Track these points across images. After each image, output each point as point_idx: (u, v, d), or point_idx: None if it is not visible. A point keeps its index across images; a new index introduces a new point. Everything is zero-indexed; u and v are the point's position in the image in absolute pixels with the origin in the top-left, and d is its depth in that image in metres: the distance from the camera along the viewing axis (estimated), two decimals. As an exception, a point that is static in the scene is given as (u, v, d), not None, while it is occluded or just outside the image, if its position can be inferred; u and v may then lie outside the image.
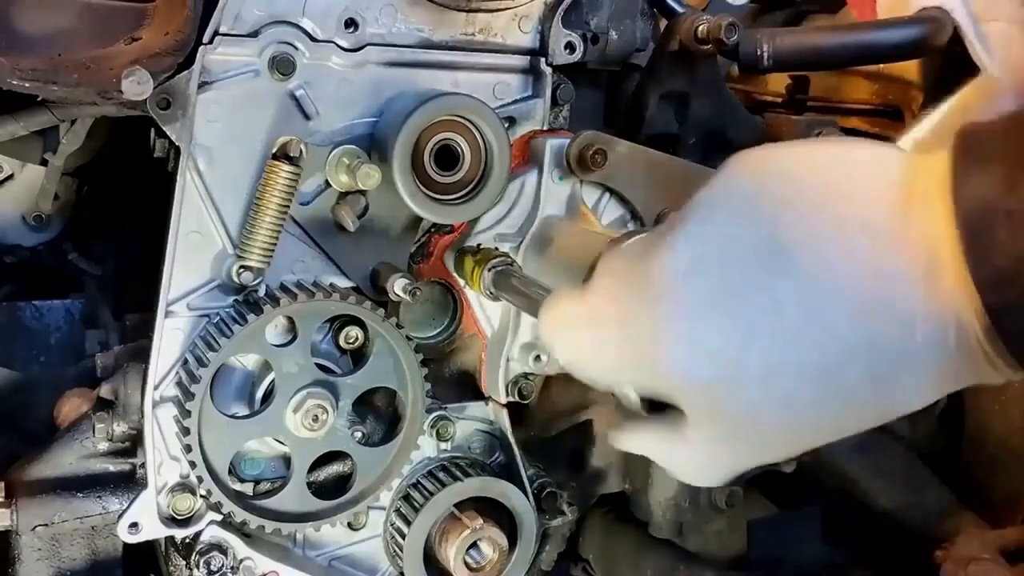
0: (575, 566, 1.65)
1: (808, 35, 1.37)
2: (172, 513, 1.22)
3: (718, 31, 1.28)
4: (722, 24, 1.28)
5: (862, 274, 0.73)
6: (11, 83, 1.11)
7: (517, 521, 1.37)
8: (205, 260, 1.19)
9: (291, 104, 1.19)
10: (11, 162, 1.75)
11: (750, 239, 0.77)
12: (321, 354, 1.25)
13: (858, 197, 0.75)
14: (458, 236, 1.31)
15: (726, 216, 0.79)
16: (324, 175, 1.20)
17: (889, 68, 1.65)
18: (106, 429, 1.24)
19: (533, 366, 1.33)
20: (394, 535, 1.34)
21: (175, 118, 1.14)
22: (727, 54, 1.32)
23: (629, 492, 1.56)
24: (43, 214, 1.80)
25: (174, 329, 1.19)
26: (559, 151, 1.28)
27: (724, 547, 1.62)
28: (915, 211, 0.73)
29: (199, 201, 1.17)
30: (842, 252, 0.74)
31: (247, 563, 1.27)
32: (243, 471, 1.26)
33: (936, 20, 1.29)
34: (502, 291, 1.21)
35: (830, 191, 0.76)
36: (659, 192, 1.33)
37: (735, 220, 0.78)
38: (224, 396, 1.22)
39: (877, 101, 1.72)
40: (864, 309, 0.73)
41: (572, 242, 1.26)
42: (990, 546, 1.52)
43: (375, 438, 1.29)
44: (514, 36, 1.29)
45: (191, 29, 1.12)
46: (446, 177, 1.22)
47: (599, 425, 1.52)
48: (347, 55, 1.20)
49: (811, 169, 0.77)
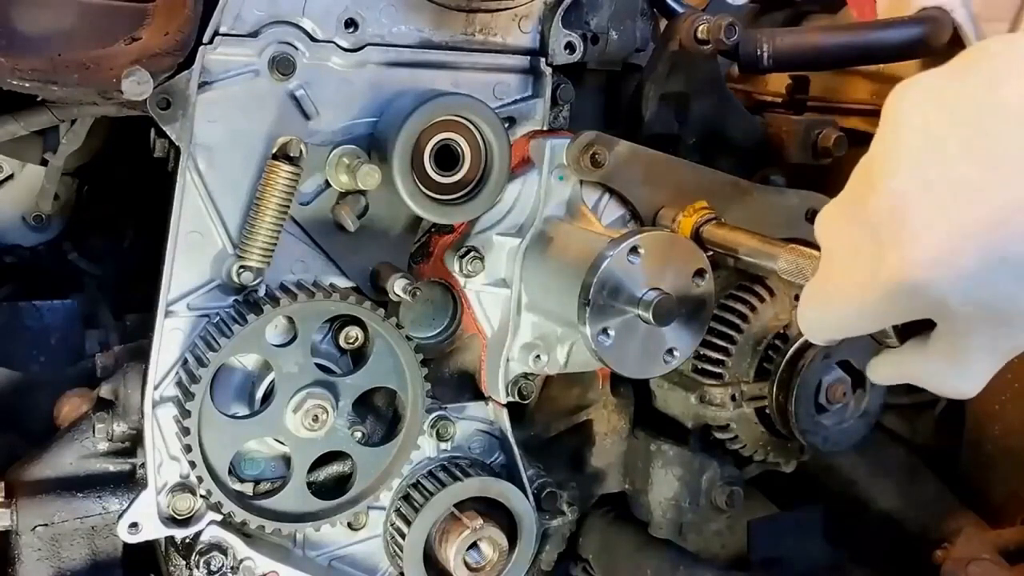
0: (575, 566, 1.65)
1: (808, 35, 1.38)
2: (172, 513, 1.22)
3: (718, 31, 1.28)
4: (722, 24, 1.28)
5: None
6: (11, 83, 1.11)
7: (517, 521, 1.37)
8: (205, 260, 1.19)
9: (291, 104, 1.19)
10: (11, 162, 1.75)
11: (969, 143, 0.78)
12: (321, 354, 1.25)
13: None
14: (458, 236, 1.31)
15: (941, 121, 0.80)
16: (324, 175, 1.20)
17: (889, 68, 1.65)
18: (106, 429, 1.24)
19: (533, 366, 1.33)
20: (394, 535, 1.34)
21: (175, 118, 1.14)
22: (727, 54, 1.33)
23: (629, 492, 1.57)
24: (43, 214, 1.80)
25: (174, 329, 1.19)
26: (559, 151, 1.28)
27: (724, 547, 1.62)
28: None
29: (199, 201, 1.17)
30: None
31: (247, 563, 1.27)
32: (243, 471, 1.26)
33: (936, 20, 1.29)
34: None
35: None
36: (659, 192, 1.33)
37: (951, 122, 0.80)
38: (224, 396, 1.22)
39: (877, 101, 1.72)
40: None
41: (572, 242, 1.26)
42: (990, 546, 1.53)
43: (375, 438, 1.29)
44: (514, 36, 1.29)
45: (191, 29, 1.12)
46: (446, 177, 1.22)
47: (599, 425, 1.52)
48: (347, 55, 1.20)
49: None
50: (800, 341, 1.39)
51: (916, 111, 0.83)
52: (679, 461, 1.50)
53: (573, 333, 1.27)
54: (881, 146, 0.85)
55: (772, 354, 1.40)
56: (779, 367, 1.39)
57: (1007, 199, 0.77)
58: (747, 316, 1.39)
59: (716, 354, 1.39)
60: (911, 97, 0.85)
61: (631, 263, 1.16)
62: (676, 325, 1.18)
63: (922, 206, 0.80)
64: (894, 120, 0.85)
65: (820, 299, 0.94)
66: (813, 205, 1.44)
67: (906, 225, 0.81)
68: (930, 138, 0.82)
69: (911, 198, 0.81)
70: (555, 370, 1.35)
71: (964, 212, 0.78)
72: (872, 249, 0.84)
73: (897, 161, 0.83)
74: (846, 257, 0.88)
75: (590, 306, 1.15)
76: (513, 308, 1.31)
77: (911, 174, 0.82)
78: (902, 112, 0.85)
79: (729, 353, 1.39)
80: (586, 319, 1.15)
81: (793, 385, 1.38)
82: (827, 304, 0.92)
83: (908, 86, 0.85)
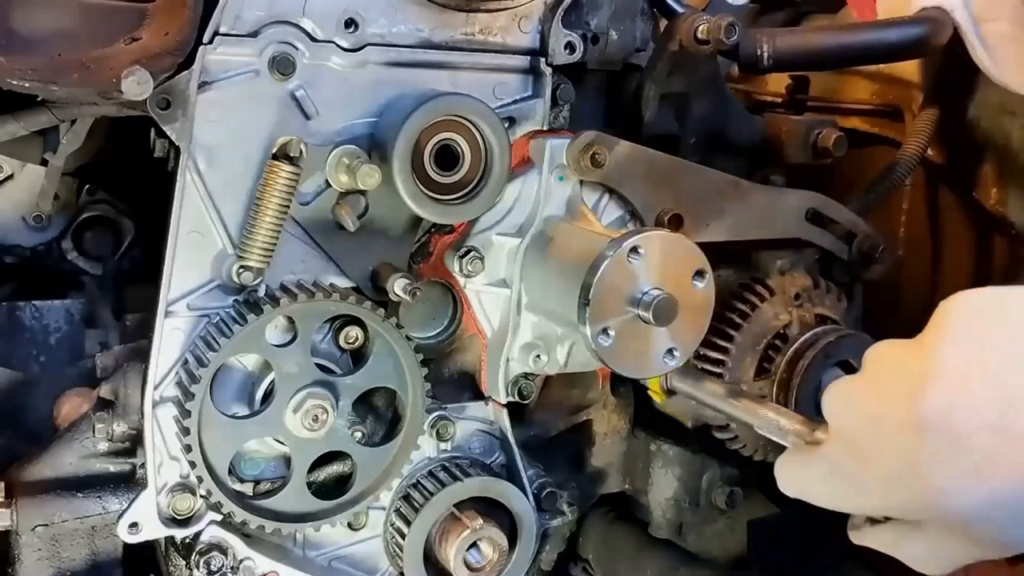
0: (575, 566, 1.65)
1: (808, 35, 1.38)
2: (172, 513, 1.22)
3: (718, 31, 1.28)
4: (722, 24, 1.28)
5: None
6: (11, 83, 1.11)
7: (517, 521, 1.37)
8: (205, 260, 1.19)
9: (291, 104, 1.19)
10: (11, 162, 1.75)
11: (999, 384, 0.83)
12: (321, 354, 1.25)
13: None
14: (458, 236, 1.31)
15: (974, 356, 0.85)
16: (324, 175, 1.20)
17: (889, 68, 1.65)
18: (106, 429, 1.24)
19: (533, 366, 1.33)
20: (394, 535, 1.34)
21: (175, 118, 1.14)
22: (727, 54, 1.32)
23: (629, 492, 1.57)
24: (43, 214, 1.80)
25: (174, 329, 1.19)
26: (559, 151, 1.28)
27: (724, 547, 1.62)
28: None
29: (199, 201, 1.17)
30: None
31: (247, 563, 1.26)
32: (243, 471, 1.26)
33: (936, 20, 1.29)
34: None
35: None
36: (659, 192, 1.33)
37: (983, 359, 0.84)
38: (224, 396, 1.22)
39: (877, 101, 1.72)
40: None
41: (572, 242, 1.26)
42: (990, 546, 1.52)
43: (375, 438, 1.29)
44: (514, 36, 1.29)
45: (191, 29, 1.12)
46: (446, 177, 1.22)
47: (599, 425, 1.52)
48: (347, 55, 1.20)
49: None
50: (800, 341, 1.39)
51: (967, 332, 0.87)
52: (679, 461, 1.50)
53: (573, 333, 1.27)
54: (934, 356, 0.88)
55: (772, 354, 1.40)
56: (779, 367, 1.39)
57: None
58: (747, 316, 1.39)
59: (716, 354, 1.39)
60: (964, 310, 0.89)
61: (631, 263, 1.16)
62: (676, 325, 1.18)
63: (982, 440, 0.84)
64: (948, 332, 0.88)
65: (822, 471, 0.99)
66: (813, 205, 1.44)
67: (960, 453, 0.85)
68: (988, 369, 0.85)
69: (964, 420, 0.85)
70: (555, 370, 1.35)
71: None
72: (903, 458, 0.88)
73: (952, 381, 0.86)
74: (871, 447, 0.92)
75: (590, 306, 1.15)
76: (513, 308, 1.31)
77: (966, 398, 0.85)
78: (953, 326, 0.88)
79: (729, 353, 1.39)
80: (586, 319, 1.15)
81: (793, 385, 1.38)
82: (830, 479, 0.98)
83: (965, 297, 0.89)
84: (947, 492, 0.86)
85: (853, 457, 0.94)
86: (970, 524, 0.87)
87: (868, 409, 0.93)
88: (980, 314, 0.87)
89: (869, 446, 0.92)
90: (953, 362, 0.86)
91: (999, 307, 0.87)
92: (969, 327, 0.87)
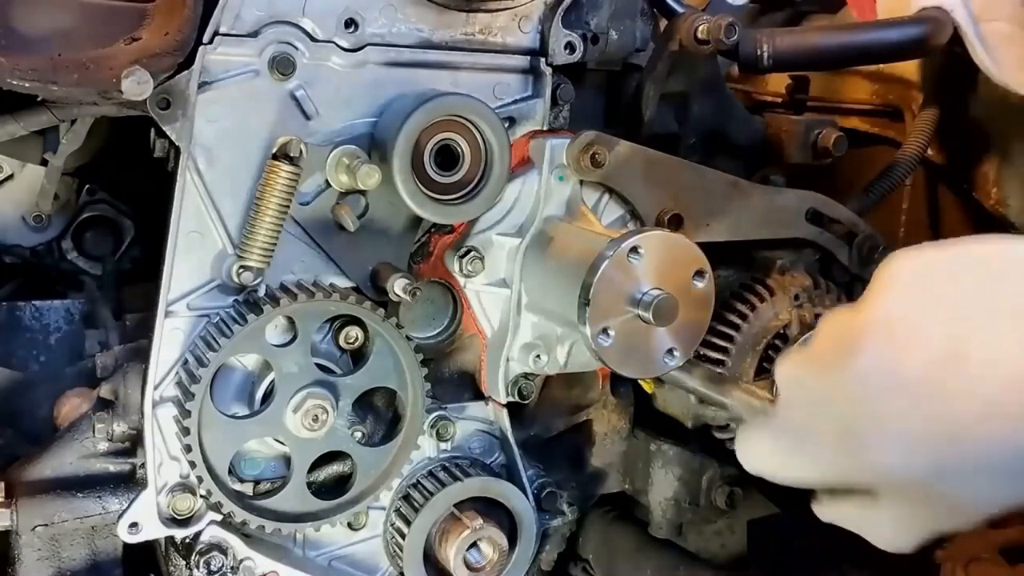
0: (575, 566, 1.65)
1: (808, 35, 1.38)
2: (172, 513, 1.22)
3: (718, 31, 1.28)
4: (722, 24, 1.28)
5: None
6: (11, 83, 1.10)
7: (517, 521, 1.37)
8: (205, 260, 1.19)
9: (291, 104, 1.19)
10: (11, 162, 1.75)
11: (934, 342, 0.81)
12: (321, 354, 1.25)
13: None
14: (458, 236, 1.31)
15: (910, 322, 0.83)
16: (324, 175, 1.20)
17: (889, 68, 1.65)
18: (106, 429, 1.24)
19: (533, 366, 1.33)
20: (394, 535, 1.34)
21: (175, 118, 1.14)
22: (727, 54, 1.32)
23: (629, 492, 1.57)
24: (43, 214, 1.81)
25: (174, 329, 1.19)
26: (559, 151, 1.28)
27: (724, 547, 1.62)
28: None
29: (199, 201, 1.17)
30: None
31: (247, 563, 1.26)
32: (243, 471, 1.26)
33: (936, 20, 1.29)
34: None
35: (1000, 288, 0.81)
36: (659, 192, 1.33)
37: (920, 326, 0.82)
38: (224, 396, 1.22)
39: (877, 101, 1.72)
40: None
41: (572, 242, 1.26)
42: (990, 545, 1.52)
43: (375, 438, 1.29)
44: (514, 36, 1.29)
45: (191, 29, 1.12)
46: (446, 177, 1.22)
47: (599, 425, 1.52)
48: (347, 55, 1.20)
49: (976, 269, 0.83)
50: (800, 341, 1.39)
51: (906, 289, 0.86)
52: (679, 461, 1.50)
53: (573, 333, 1.27)
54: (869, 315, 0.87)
55: (772, 354, 1.40)
56: (779, 367, 1.39)
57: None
58: (747, 316, 1.39)
59: (716, 354, 1.39)
60: (903, 271, 0.87)
61: (631, 263, 1.16)
62: (676, 325, 1.18)
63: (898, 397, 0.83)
64: (885, 289, 0.87)
65: (772, 441, 0.98)
66: (813, 205, 1.44)
67: (880, 414, 0.84)
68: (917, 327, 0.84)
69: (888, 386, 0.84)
70: (555, 370, 1.35)
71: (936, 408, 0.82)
72: (843, 422, 0.87)
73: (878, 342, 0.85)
74: (814, 413, 0.91)
75: (590, 306, 1.15)
76: (513, 308, 1.31)
77: (890, 357, 0.84)
78: (891, 285, 0.87)
79: (729, 353, 1.39)
80: (586, 319, 1.15)
81: (793, 385, 1.38)
82: (779, 450, 0.97)
83: (904, 257, 0.88)
84: (890, 451, 0.83)
85: (800, 425, 0.93)
86: (924, 486, 0.84)
87: (810, 374, 0.91)
88: (916, 271, 0.86)
89: (812, 412, 0.90)
90: (887, 316, 0.84)
91: (935, 262, 0.86)
92: (906, 284, 0.85)
